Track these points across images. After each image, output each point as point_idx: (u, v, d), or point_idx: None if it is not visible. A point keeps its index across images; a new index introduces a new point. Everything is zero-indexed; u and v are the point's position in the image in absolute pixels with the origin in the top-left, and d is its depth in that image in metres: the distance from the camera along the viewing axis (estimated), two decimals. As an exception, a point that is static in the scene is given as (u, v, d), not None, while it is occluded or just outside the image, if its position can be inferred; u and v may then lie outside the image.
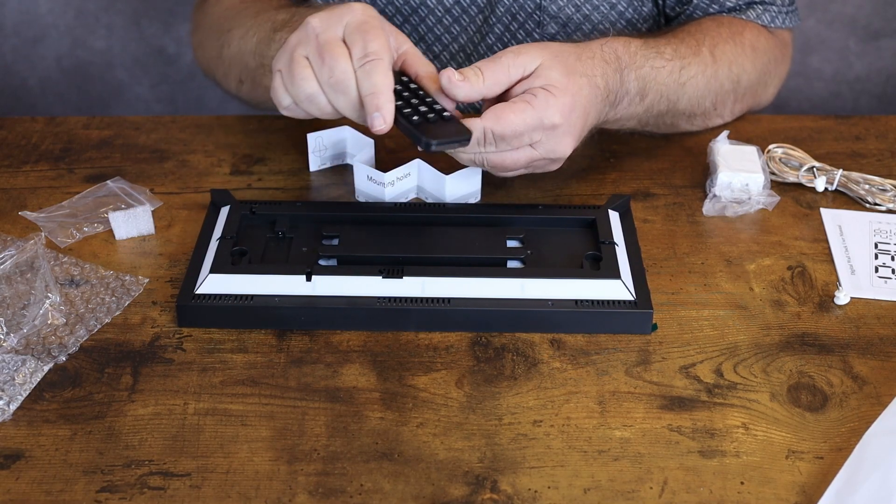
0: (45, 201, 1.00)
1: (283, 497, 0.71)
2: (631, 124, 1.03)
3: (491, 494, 0.72)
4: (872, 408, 0.78)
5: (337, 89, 0.86)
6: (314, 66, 0.87)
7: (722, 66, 1.06)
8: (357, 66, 0.85)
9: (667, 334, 0.85)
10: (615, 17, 1.13)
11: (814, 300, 0.89)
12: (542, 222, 0.94)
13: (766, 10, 1.12)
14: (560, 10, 1.12)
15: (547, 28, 1.13)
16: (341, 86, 0.86)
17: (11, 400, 0.78)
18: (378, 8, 1.15)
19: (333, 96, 0.87)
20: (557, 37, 1.14)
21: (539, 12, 1.12)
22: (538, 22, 1.12)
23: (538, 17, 1.12)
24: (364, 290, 0.85)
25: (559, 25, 1.13)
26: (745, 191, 0.99)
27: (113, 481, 0.72)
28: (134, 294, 0.89)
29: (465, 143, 0.86)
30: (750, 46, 1.09)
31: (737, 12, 1.12)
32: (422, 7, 1.14)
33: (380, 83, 0.84)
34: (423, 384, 0.80)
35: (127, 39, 1.94)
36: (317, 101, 0.88)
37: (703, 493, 0.72)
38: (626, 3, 1.13)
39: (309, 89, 0.87)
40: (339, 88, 0.86)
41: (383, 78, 0.84)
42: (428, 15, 1.14)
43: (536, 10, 1.12)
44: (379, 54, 0.85)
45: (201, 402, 0.79)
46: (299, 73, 0.87)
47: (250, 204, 0.95)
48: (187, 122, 1.14)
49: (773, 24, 1.13)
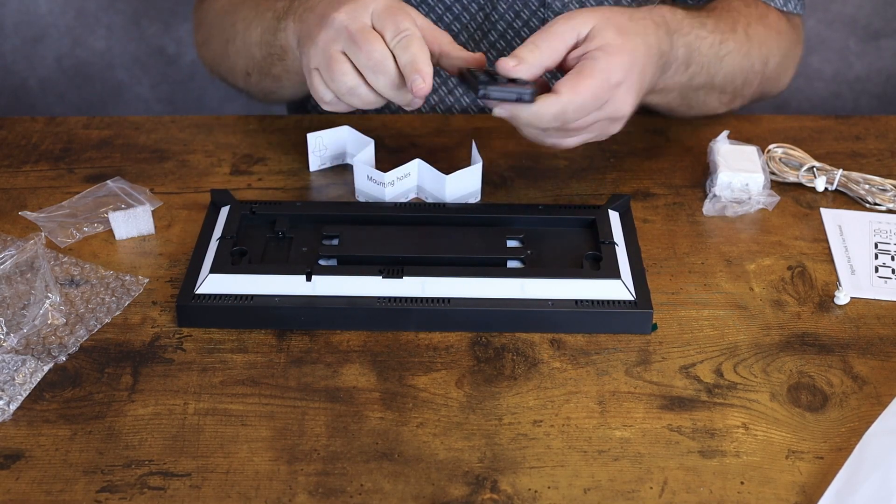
0: (45, 201, 1.00)
1: (283, 497, 0.71)
2: (672, 97, 1.03)
3: (491, 494, 0.72)
4: (872, 408, 0.78)
5: (377, 70, 0.88)
6: (351, 55, 0.88)
7: (754, 46, 1.07)
8: (393, 46, 0.87)
9: (667, 334, 0.85)
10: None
11: (814, 300, 0.89)
12: (542, 222, 0.94)
13: None
14: (564, 6, 1.12)
15: None
16: (381, 66, 0.87)
17: (11, 400, 0.78)
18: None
19: (374, 78, 0.88)
20: None
21: (543, 9, 1.12)
22: (543, 19, 1.12)
23: (543, 15, 1.12)
24: (364, 290, 0.85)
25: None
26: (745, 191, 0.99)
27: (113, 481, 0.72)
28: (134, 294, 0.89)
29: (526, 98, 0.86)
30: (775, 29, 1.11)
31: None
32: (422, 6, 1.14)
33: (417, 52, 0.87)
34: (423, 384, 0.80)
35: (127, 39, 1.94)
36: (358, 91, 0.90)
37: (703, 493, 0.72)
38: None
39: (350, 82, 0.89)
40: (378, 69, 0.87)
41: (419, 49, 0.87)
42: (428, 13, 1.14)
43: (541, 7, 1.12)
44: (411, 30, 0.87)
45: (201, 402, 0.79)
46: (338, 68, 0.89)
47: (250, 204, 0.95)
48: (187, 122, 1.14)
49: (786, 7, 1.13)
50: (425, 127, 1.12)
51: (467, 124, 1.13)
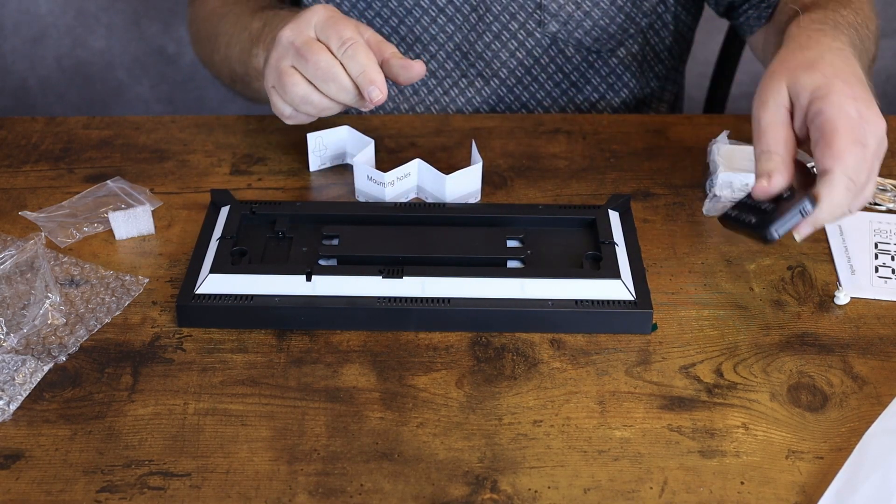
0: (45, 201, 1.00)
1: (283, 497, 0.71)
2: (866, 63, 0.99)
3: (491, 494, 0.72)
4: (872, 408, 0.78)
5: (326, 79, 0.92)
6: (300, 68, 0.93)
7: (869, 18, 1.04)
8: (339, 55, 0.92)
9: (667, 334, 0.85)
10: (614, 12, 1.13)
11: (814, 300, 0.89)
12: (542, 222, 0.94)
13: None
14: (561, 7, 1.12)
15: (548, 27, 1.13)
16: (329, 74, 0.92)
17: (11, 400, 0.78)
18: (374, 11, 1.17)
19: (325, 87, 0.92)
20: (559, 35, 1.14)
21: (540, 11, 1.12)
22: (539, 21, 1.13)
23: (539, 17, 1.12)
24: (364, 290, 0.85)
25: (560, 23, 1.13)
26: (746, 190, 0.99)
27: (113, 481, 0.72)
28: (134, 294, 0.89)
29: (808, 209, 0.80)
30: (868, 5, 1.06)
31: None
32: (416, 8, 1.14)
33: (364, 61, 0.91)
34: (423, 384, 0.80)
35: (127, 39, 1.95)
36: (311, 98, 0.94)
37: (703, 493, 0.72)
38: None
39: (301, 91, 0.93)
40: (328, 77, 0.92)
41: (366, 57, 0.91)
42: (422, 16, 1.14)
43: (537, 9, 1.12)
44: (354, 38, 0.91)
45: (201, 402, 0.79)
46: (288, 80, 0.93)
47: (250, 204, 0.95)
48: (187, 121, 1.14)
49: None
50: (425, 127, 1.12)
51: (467, 124, 1.13)
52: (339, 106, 0.95)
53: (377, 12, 1.16)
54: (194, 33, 1.25)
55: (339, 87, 0.92)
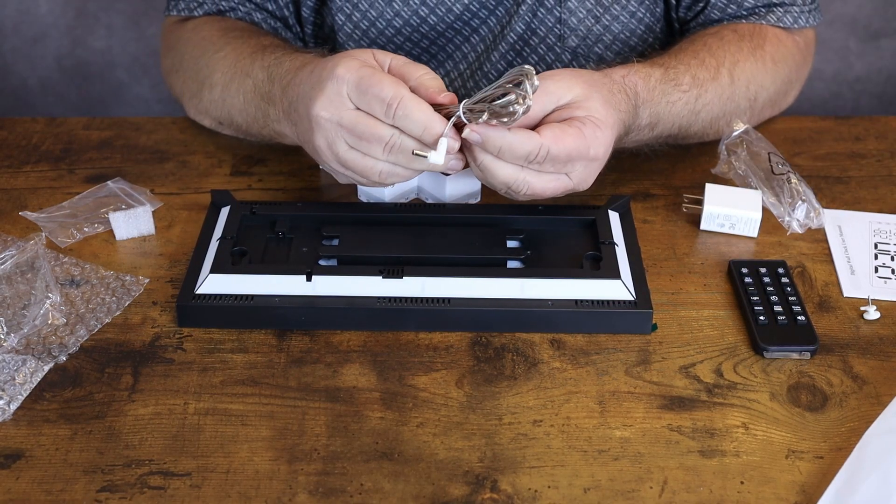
0: (45, 201, 1.01)
1: (283, 497, 0.71)
2: (631, 146, 1.01)
3: (491, 494, 0.72)
4: (872, 408, 0.78)
5: (395, 151, 0.84)
6: (363, 150, 0.85)
7: (740, 86, 1.04)
8: (391, 121, 0.83)
9: (667, 334, 0.85)
10: (634, 25, 1.12)
11: (814, 300, 0.89)
12: (541, 223, 0.94)
13: (787, 11, 1.09)
14: (580, 21, 1.10)
15: (568, 41, 1.11)
16: (396, 147, 0.84)
17: (12, 400, 0.78)
18: (403, 36, 1.13)
19: (395, 158, 0.85)
20: (579, 49, 1.12)
21: (560, 26, 1.11)
22: (559, 35, 1.11)
23: (559, 31, 1.11)
24: (364, 290, 0.85)
25: (579, 38, 1.11)
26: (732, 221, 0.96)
27: (113, 481, 0.72)
28: (134, 294, 0.89)
29: (807, 350, 0.83)
30: (770, 60, 1.06)
31: (756, 17, 1.08)
32: (447, 29, 1.12)
33: (421, 117, 0.83)
34: (423, 384, 0.80)
35: (127, 39, 1.94)
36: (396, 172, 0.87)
37: (703, 493, 0.72)
38: (645, 9, 1.11)
39: (382, 168, 0.86)
40: (396, 150, 0.84)
41: (419, 110, 0.83)
42: (455, 36, 1.13)
43: (557, 23, 1.10)
44: (396, 95, 0.82)
45: (201, 401, 0.79)
46: (364, 165, 0.86)
47: (251, 204, 0.95)
48: (188, 122, 1.14)
49: (795, 25, 1.09)
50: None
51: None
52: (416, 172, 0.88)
53: (406, 38, 1.14)
54: (176, 59, 1.13)
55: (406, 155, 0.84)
